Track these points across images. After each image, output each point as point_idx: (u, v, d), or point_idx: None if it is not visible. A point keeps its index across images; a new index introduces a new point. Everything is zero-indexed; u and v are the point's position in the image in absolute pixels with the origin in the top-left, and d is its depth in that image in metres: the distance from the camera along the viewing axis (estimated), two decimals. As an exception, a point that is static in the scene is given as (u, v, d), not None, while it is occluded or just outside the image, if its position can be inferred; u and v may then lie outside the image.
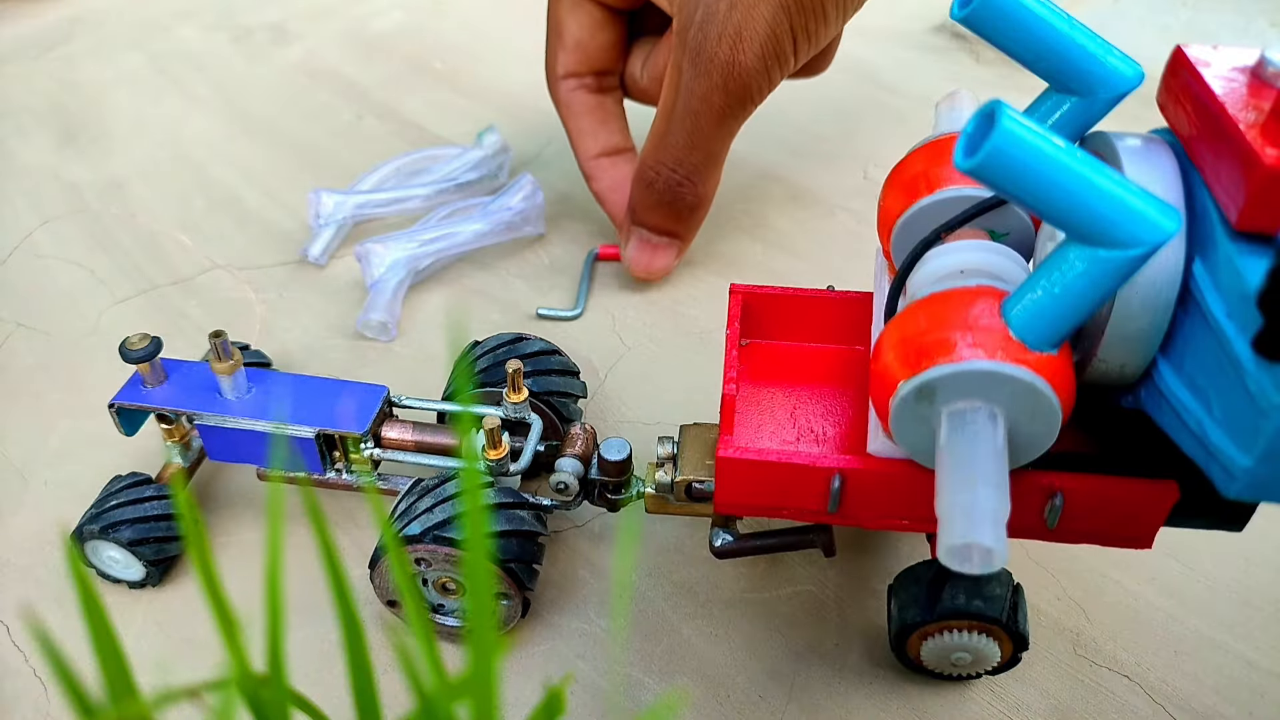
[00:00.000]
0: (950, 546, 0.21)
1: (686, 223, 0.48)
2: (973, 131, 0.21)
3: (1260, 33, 0.72)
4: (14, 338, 0.51)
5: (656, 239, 0.48)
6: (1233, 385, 0.22)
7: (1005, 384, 0.23)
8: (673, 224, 0.48)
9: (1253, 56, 0.23)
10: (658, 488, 0.35)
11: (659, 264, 0.49)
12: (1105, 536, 0.29)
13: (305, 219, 0.58)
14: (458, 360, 0.42)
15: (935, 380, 0.24)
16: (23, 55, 0.77)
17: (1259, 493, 0.22)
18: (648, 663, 0.36)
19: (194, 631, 0.37)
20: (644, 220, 0.48)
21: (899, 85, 0.69)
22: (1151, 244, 0.21)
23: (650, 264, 0.49)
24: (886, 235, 0.31)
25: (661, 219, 0.47)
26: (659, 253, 0.49)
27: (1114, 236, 0.21)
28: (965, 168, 0.20)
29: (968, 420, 0.24)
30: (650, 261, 0.49)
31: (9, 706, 0.35)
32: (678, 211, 0.47)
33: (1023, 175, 0.20)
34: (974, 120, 0.21)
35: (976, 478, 0.22)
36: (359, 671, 0.19)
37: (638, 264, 0.49)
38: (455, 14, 0.81)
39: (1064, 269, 0.22)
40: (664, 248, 0.49)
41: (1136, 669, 0.35)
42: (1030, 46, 0.26)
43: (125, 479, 0.39)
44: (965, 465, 0.23)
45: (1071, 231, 0.21)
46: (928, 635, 0.33)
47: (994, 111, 0.20)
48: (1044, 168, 0.20)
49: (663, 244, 0.49)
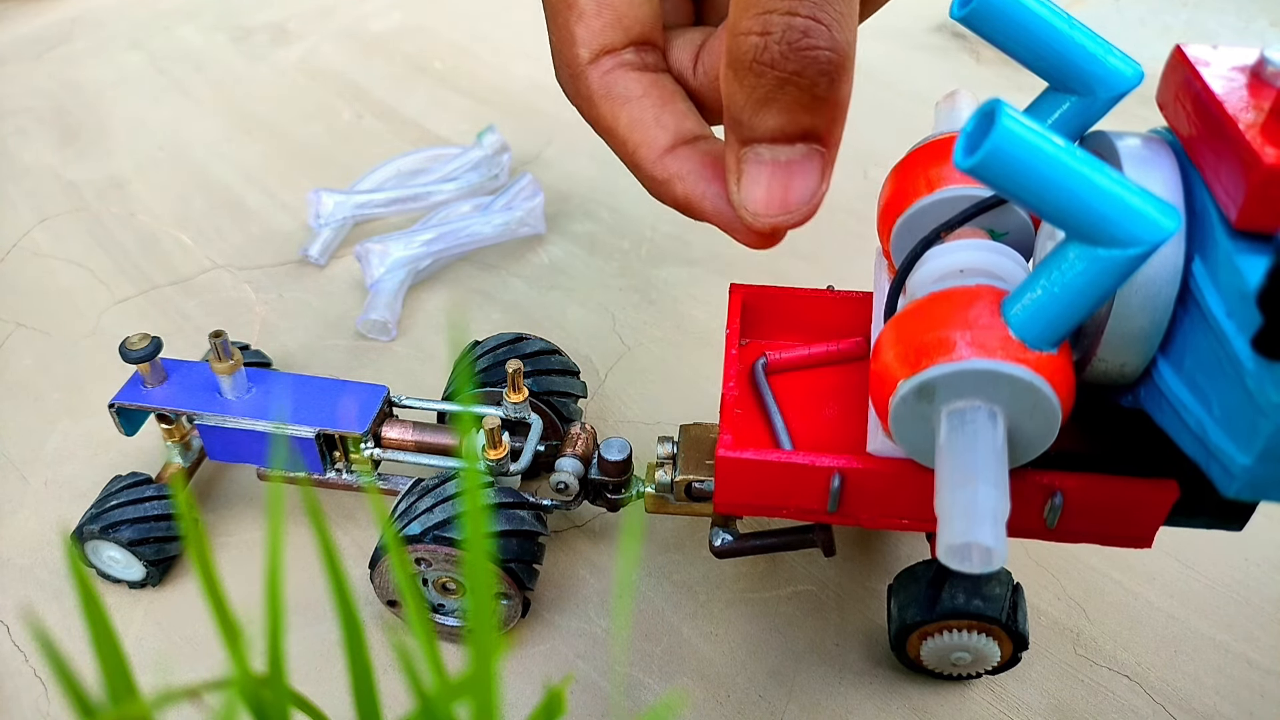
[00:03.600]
0: (950, 545, 0.21)
1: (827, 104, 0.28)
2: (972, 130, 0.21)
3: (1260, 32, 0.72)
4: (14, 337, 0.51)
5: (785, 151, 0.29)
6: (1232, 384, 0.21)
7: (1005, 383, 0.23)
8: (808, 112, 0.28)
9: (1253, 56, 0.23)
10: (658, 488, 0.35)
11: (799, 188, 0.29)
12: (1105, 536, 0.29)
13: (305, 219, 0.58)
14: (458, 360, 0.42)
15: (935, 379, 0.24)
16: (23, 55, 0.77)
17: (1258, 492, 0.22)
18: (648, 663, 0.36)
19: (194, 631, 0.37)
20: (760, 125, 0.29)
21: (899, 85, 0.69)
22: (1151, 243, 0.21)
23: (787, 193, 0.29)
24: (886, 234, 0.31)
25: (789, 108, 0.28)
26: (797, 172, 0.29)
27: (1114, 235, 0.21)
28: (965, 167, 0.20)
29: (967, 419, 0.24)
30: (787, 189, 0.29)
31: (9, 706, 0.35)
32: (812, 85, 0.27)
33: (1022, 174, 0.20)
34: (973, 119, 0.21)
35: (976, 477, 0.22)
36: (359, 671, 0.19)
37: (770, 201, 0.29)
38: (455, 14, 0.81)
39: (1063, 268, 0.22)
40: (801, 161, 0.29)
41: (1137, 669, 0.35)
42: (1030, 46, 0.26)
43: (125, 479, 0.39)
44: (965, 464, 0.23)
45: (1071, 230, 0.21)
46: (927, 635, 0.33)
47: (993, 110, 0.20)
48: (1043, 166, 0.20)
49: (798, 156, 0.29)
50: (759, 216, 0.29)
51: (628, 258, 0.55)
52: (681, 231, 0.56)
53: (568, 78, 0.34)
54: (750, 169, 0.29)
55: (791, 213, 0.29)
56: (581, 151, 0.63)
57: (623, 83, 0.34)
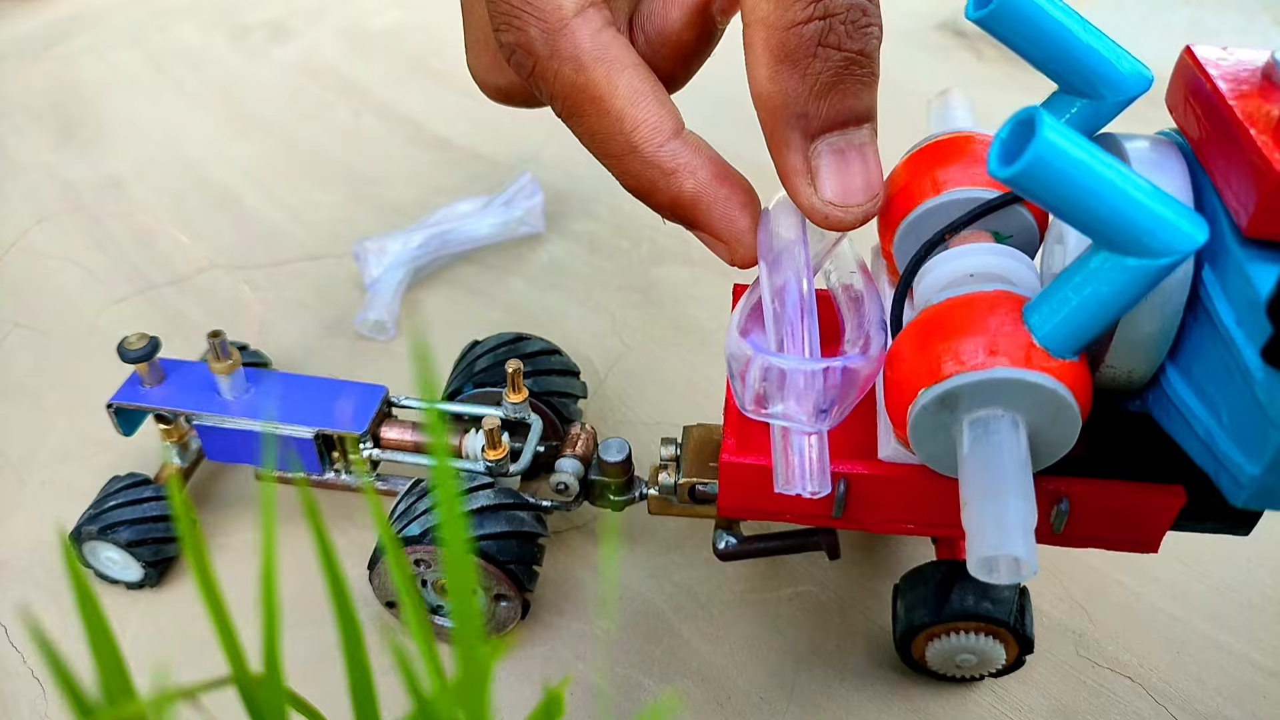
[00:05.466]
0: (981, 558, 0.21)
1: (877, 80, 0.28)
2: (1007, 138, 0.20)
3: (1263, 31, 0.72)
4: (11, 337, 0.50)
5: (856, 134, 0.28)
6: (1242, 394, 0.21)
7: (1030, 392, 0.23)
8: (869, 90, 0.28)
9: (1263, 58, 0.23)
10: (661, 490, 0.35)
11: (876, 168, 0.28)
12: (1111, 541, 0.29)
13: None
14: (457, 360, 0.42)
15: (959, 388, 0.23)
16: (20, 53, 0.76)
17: (1267, 502, 0.22)
18: (648, 664, 0.36)
19: (193, 632, 0.37)
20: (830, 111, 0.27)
21: (900, 83, 0.68)
22: (1182, 252, 0.20)
23: (870, 175, 0.28)
24: (887, 236, 0.31)
25: (855, 90, 0.27)
26: (870, 154, 0.28)
27: (1146, 245, 0.20)
28: (1002, 176, 0.20)
29: (991, 429, 0.23)
30: (869, 172, 0.28)
31: (7, 707, 0.35)
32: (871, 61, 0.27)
33: (1062, 185, 0.20)
34: (1008, 127, 0.20)
35: (1005, 488, 0.22)
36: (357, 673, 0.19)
37: (855, 189, 0.27)
38: (454, 11, 0.81)
39: (1090, 276, 0.22)
40: (865, 146, 0.28)
41: (1139, 670, 0.35)
42: (1044, 48, 0.25)
43: (124, 479, 0.38)
44: (992, 475, 0.22)
45: (1103, 240, 0.21)
46: (934, 636, 0.33)
47: (1032, 119, 0.20)
48: (1083, 178, 0.20)
49: (861, 139, 0.28)
50: (850, 209, 0.27)
51: (628, 257, 0.55)
52: (683, 231, 0.56)
53: (540, 35, 0.27)
54: (829, 160, 0.27)
55: (877, 195, 0.27)
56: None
57: (616, 46, 0.28)
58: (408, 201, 0.59)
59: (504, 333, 0.41)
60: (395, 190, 0.60)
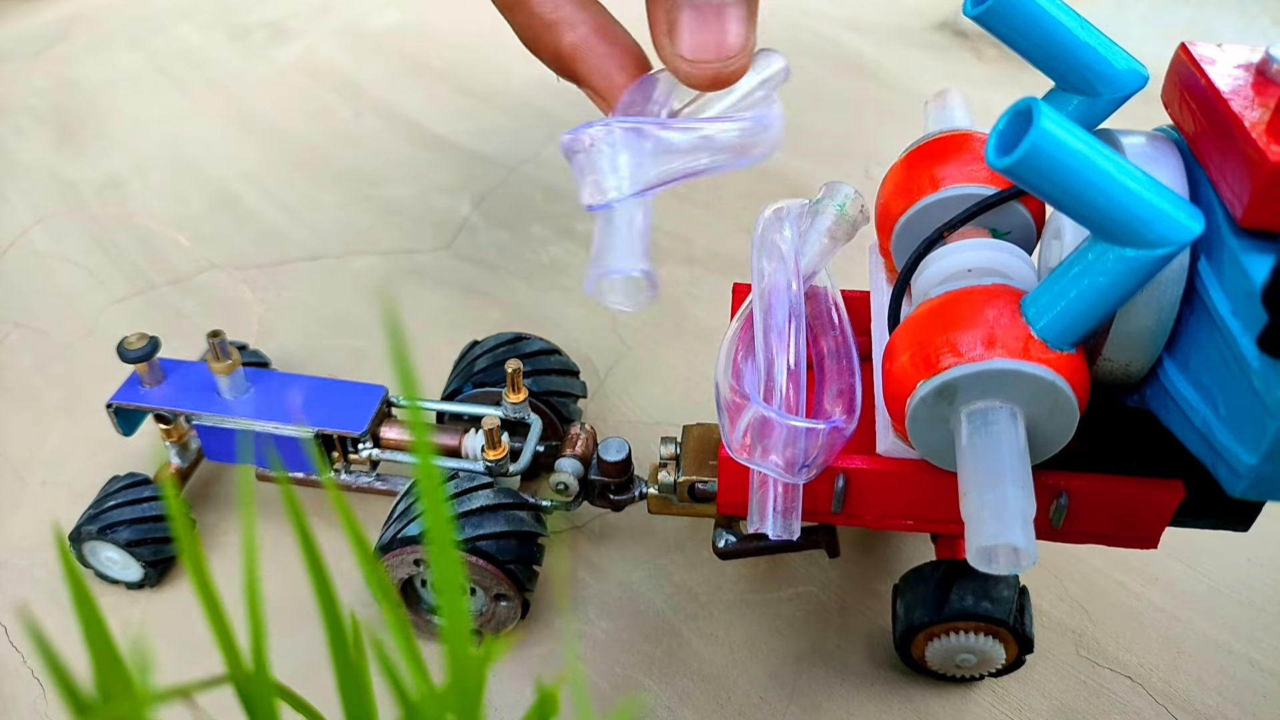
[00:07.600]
0: (981, 548, 0.21)
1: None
2: (1004, 129, 0.20)
3: (1263, 30, 0.72)
4: (11, 337, 0.50)
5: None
6: (1238, 383, 0.21)
7: (1028, 383, 0.23)
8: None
9: (1257, 54, 0.23)
10: (660, 489, 0.35)
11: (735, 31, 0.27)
12: (1111, 537, 0.29)
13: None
14: (457, 360, 0.42)
15: (957, 380, 0.24)
16: (20, 53, 0.76)
17: (1265, 492, 0.22)
18: (648, 664, 0.36)
19: (192, 633, 0.37)
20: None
21: (900, 83, 0.68)
22: (1178, 243, 0.20)
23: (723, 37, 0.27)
24: (886, 234, 0.31)
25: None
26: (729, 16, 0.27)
27: (1144, 236, 0.20)
28: (999, 166, 0.20)
29: (989, 420, 0.24)
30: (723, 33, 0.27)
31: (7, 707, 0.35)
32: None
33: (1059, 175, 0.20)
34: (1005, 118, 0.20)
35: (1004, 478, 0.22)
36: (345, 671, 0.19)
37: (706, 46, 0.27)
38: (454, 11, 0.81)
39: (1087, 268, 0.22)
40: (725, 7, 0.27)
41: (1139, 670, 0.35)
42: (1041, 46, 0.26)
43: (123, 479, 0.38)
44: (990, 465, 0.23)
45: (1100, 231, 0.21)
46: (934, 636, 0.32)
47: (1030, 109, 0.20)
48: (1081, 168, 0.20)
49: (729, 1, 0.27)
50: (698, 64, 0.27)
51: (628, 257, 0.54)
52: (682, 230, 0.56)
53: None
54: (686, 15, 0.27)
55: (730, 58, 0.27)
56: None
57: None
58: (408, 201, 0.59)
59: (503, 333, 0.41)
60: (395, 190, 0.60)
